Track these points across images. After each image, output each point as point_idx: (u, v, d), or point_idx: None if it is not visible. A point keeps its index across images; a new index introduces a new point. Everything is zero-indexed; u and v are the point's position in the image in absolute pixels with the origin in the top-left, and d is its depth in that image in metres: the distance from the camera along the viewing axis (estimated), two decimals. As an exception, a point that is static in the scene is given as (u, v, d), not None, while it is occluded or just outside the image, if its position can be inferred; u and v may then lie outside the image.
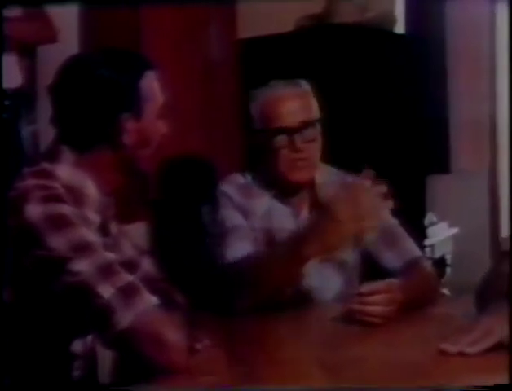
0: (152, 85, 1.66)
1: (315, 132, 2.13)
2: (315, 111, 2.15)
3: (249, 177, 2.21)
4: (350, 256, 2.17)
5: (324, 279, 2.13)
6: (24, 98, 2.90)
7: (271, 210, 2.16)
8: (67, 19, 3.25)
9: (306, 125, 2.10)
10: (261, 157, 2.16)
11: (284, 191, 2.16)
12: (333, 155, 2.17)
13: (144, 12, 3.45)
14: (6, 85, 2.76)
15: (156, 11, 3.43)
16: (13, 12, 2.80)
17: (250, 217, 2.14)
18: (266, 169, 2.16)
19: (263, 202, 2.16)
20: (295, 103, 2.12)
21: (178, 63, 3.51)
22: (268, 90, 2.16)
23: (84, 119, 1.61)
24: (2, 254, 1.53)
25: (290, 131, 2.09)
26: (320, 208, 1.77)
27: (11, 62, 2.83)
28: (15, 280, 1.53)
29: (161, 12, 3.45)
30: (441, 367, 1.44)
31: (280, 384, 1.40)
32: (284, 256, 1.88)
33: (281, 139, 2.09)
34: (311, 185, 2.14)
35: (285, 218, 2.11)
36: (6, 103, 2.83)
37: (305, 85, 2.17)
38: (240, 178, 2.22)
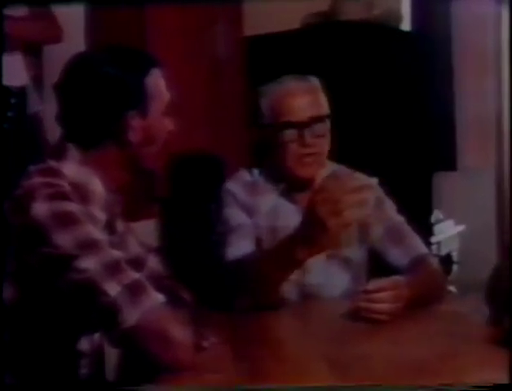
0: (157, 82, 1.66)
1: (325, 127, 2.13)
2: (324, 106, 2.16)
3: (256, 174, 2.22)
4: (356, 253, 2.17)
5: (329, 276, 2.13)
6: (29, 97, 2.90)
7: (277, 207, 2.16)
8: (73, 19, 3.26)
9: (316, 120, 2.10)
10: (269, 152, 2.16)
11: (291, 186, 2.16)
12: (340, 152, 2.17)
13: (150, 11, 3.45)
14: (11, 83, 2.77)
15: (162, 10, 3.43)
16: (19, 11, 2.80)
17: (255, 215, 2.14)
18: (273, 164, 2.16)
19: (269, 199, 2.17)
20: (305, 98, 2.12)
21: (185, 61, 3.51)
22: (278, 85, 2.16)
23: (90, 117, 1.62)
24: (7, 252, 1.54)
25: (300, 126, 2.09)
26: (304, 211, 1.76)
27: (17, 61, 2.84)
28: (22, 278, 1.53)
29: (167, 11, 3.45)
30: (447, 365, 1.44)
31: (286, 381, 1.40)
32: (277, 260, 1.87)
33: (290, 134, 2.09)
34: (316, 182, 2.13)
35: (290, 216, 2.10)
36: (12, 101, 2.84)
37: (314, 81, 2.18)
38: (246, 175, 2.22)
